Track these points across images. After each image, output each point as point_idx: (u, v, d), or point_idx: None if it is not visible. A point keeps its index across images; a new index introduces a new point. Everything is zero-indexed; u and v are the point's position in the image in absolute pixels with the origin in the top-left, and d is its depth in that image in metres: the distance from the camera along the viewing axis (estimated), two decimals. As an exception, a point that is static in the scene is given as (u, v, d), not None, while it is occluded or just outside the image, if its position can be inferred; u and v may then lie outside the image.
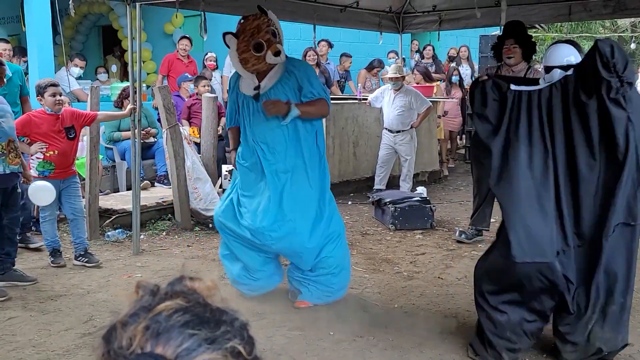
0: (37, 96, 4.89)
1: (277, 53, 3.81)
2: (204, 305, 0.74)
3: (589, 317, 3.23)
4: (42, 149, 4.80)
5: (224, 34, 3.96)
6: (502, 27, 5.31)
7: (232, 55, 3.95)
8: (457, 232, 5.81)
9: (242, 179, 4.16)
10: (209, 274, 0.81)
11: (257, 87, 3.98)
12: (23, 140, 4.82)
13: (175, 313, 0.71)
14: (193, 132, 7.43)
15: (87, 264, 5.00)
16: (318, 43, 9.30)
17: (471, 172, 6.01)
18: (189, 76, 8.25)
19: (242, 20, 3.97)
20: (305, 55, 8.80)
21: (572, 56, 3.45)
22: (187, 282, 0.76)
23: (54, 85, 4.92)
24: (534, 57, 5.59)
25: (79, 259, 5.04)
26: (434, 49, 11.28)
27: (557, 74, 3.29)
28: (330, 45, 9.50)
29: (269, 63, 3.89)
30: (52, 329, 3.79)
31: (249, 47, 3.83)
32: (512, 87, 3.28)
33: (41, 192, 4.54)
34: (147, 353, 0.69)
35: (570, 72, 3.19)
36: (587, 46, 16.03)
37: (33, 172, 4.85)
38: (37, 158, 4.84)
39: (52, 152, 4.85)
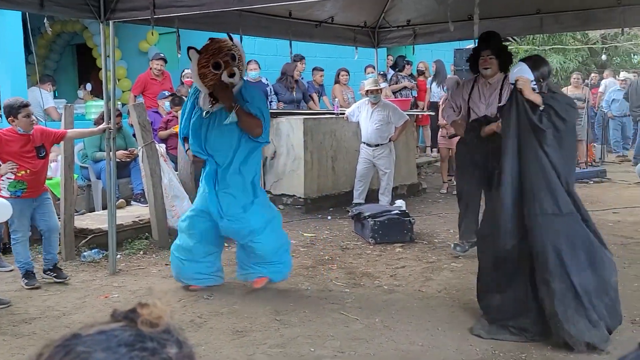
0: (8, 117, 4.74)
1: (231, 75, 4.28)
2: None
3: None
4: (12, 169, 4.72)
5: (188, 48, 4.40)
6: (477, 39, 5.34)
7: (193, 68, 4.39)
8: (452, 246, 5.76)
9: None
10: (163, 299, 0.82)
11: (211, 104, 4.40)
12: None
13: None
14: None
15: (56, 279, 5.01)
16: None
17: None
18: (166, 93, 8.18)
19: (208, 41, 4.43)
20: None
21: (523, 73, 3.80)
22: (137, 308, 0.77)
23: (27, 105, 4.82)
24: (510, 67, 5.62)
25: (47, 273, 5.05)
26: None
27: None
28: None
29: (224, 82, 4.28)
30: (26, 353, 3.69)
31: (209, 63, 4.27)
32: None
33: None
34: None
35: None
36: (556, 60, 16.34)
37: (4, 193, 4.75)
38: (8, 178, 4.75)
39: (23, 172, 4.77)
